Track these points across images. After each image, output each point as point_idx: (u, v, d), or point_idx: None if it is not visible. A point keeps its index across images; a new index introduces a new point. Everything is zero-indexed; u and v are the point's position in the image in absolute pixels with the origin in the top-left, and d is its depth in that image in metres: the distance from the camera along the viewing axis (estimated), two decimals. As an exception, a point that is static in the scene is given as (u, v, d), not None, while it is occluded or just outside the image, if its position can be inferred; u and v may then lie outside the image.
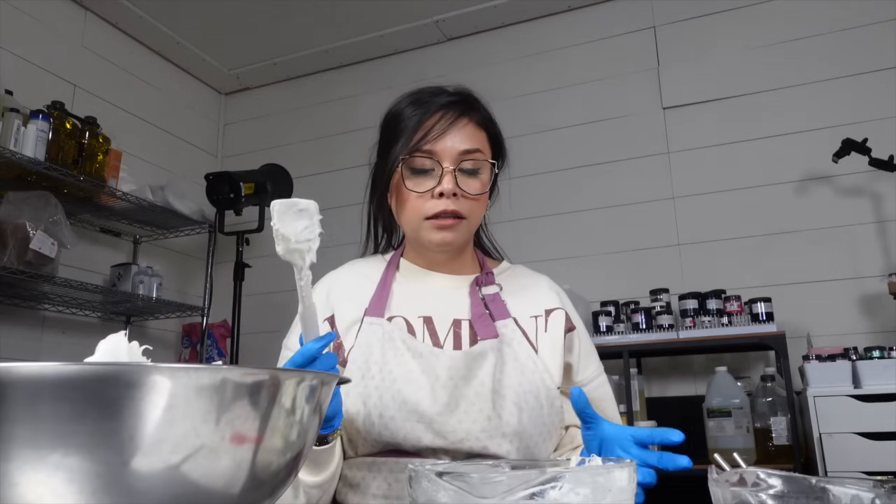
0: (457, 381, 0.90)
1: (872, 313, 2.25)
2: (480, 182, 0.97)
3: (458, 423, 0.87)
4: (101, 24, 2.91)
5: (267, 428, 0.46)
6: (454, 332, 0.97)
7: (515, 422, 0.88)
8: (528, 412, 0.89)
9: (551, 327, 0.99)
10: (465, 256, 1.06)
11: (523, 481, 0.45)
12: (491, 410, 0.88)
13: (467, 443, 0.87)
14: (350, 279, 1.07)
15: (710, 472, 0.52)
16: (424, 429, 0.87)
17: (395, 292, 1.01)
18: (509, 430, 0.88)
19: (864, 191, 2.34)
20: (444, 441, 0.87)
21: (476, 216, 0.99)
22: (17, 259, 2.09)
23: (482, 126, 1.00)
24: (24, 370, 0.39)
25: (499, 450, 0.88)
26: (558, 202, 2.75)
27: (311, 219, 0.68)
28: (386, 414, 0.87)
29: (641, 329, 2.23)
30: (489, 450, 0.88)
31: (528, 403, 0.90)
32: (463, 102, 1.00)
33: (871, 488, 0.49)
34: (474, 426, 0.87)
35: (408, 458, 0.88)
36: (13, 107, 2.18)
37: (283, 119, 3.46)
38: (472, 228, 1.00)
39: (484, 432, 0.87)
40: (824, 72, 2.48)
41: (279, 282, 3.20)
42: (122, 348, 0.55)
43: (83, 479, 0.40)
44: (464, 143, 0.95)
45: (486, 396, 0.89)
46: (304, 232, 0.68)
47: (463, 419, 0.88)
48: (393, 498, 0.86)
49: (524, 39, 3.03)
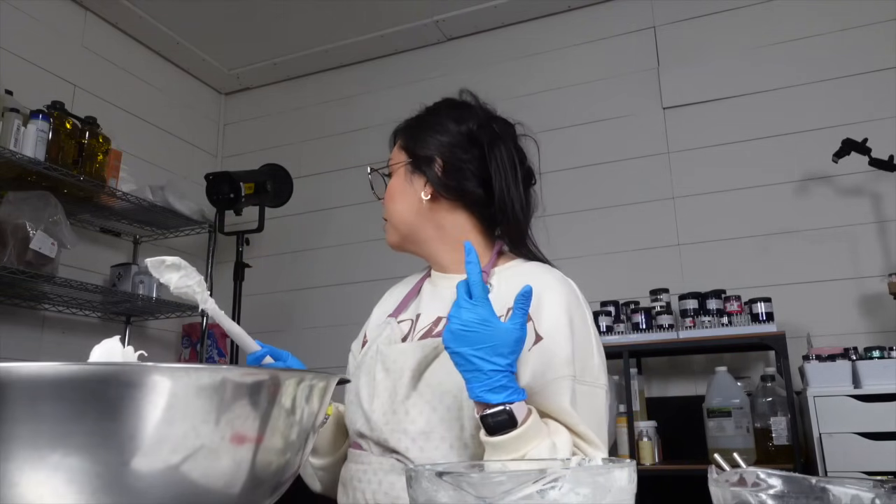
0: (383, 373, 0.96)
1: (872, 313, 2.25)
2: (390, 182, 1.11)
3: (372, 413, 0.93)
4: (101, 24, 2.90)
5: (267, 428, 0.47)
6: (428, 329, 1.00)
7: (423, 421, 0.89)
8: (442, 413, 0.89)
9: None
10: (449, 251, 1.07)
11: (523, 481, 0.45)
12: (399, 404, 0.91)
13: (377, 432, 0.92)
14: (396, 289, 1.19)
15: (710, 472, 0.52)
16: (359, 415, 0.96)
17: (416, 298, 1.10)
18: (413, 428, 0.89)
19: (864, 191, 2.34)
20: (367, 427, 0.94)
21: (395, 214, 1.08)
22: (17, 259, 2.09)
23: (397, 142, 1.14)
24: (24, 370, 0.39)
25: (398, 445, 0.89)
26: (558, 202, 2.75)
27: (183, 269, 0.79)
28: (349, 399, 1.00)
29: (641, 329, 2.23)
30: (389, 443, 0.90)
31: (442, 403, 0.89)
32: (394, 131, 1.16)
33: (871, 488, 0.49)
34: (381, 417, 0.92)
35: (354, 449, 0.98)
36: (13, 107, 2.18)
37: (283, 119, 3.46)
38: (399, 226, 1.08)
39: (387, 425, 0.91)
40: (824, 72, 2.48)
41: (279, 282, 3.21)
42: (117, 353, 0.55)
43: (83, 479, 0.40)
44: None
45: (400, 391, 0.92)
46: (181, 280, 0.79)
47: (376, 409, 0.93)
48: (345, 483, 0.97)
49: (524, 39, 3.03)
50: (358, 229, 3.00)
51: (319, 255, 3.16)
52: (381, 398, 0.94)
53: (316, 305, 3.09)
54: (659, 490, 1.95)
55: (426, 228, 1.07)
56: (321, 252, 3.16)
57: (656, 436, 2.12)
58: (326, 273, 3.08)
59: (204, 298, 0.79)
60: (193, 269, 0.79)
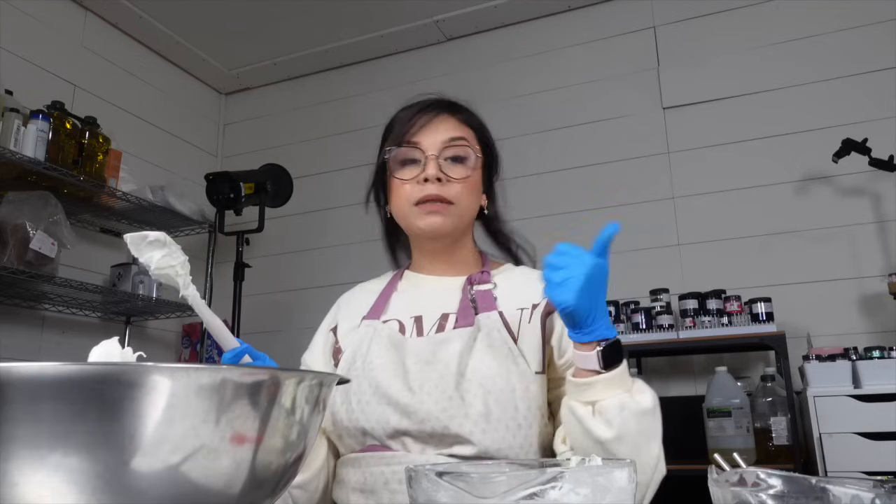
0: (421, 366, 0.93)
1: (872, 313, 2.25)
2: (466, 168, 1.02)
3: (420, 404, 0.90)
4: (101, 24, 2.91)
5: (267, 428, 0.47)
6: (439, 325, 1.00)
7: (480, 404, 0.89)
8: (496, 395, 0.90)
9: (535, 318, 1.00)
10: (464, 255, 1.08)
11: (523, 481, 0.45)
12: (453, 391, 0.90)
13: (429, 423, 0.89)
14: (356, 295, 1.14)
15: (710, 472, 0.53)
16: (392, 411, 0.91)
17: (394, 299, 1.07)
18: (473, 411, 0.89)
19: (864, 191, 2.34)
20: (409, 422, 0.90)
21: (465, 202, 1.02)
22: (17, 259, 2.09)
23: (466, 123, 1.06)
24: (24, 370, 0.39)
25: (461, 430, 0.88)
26: (558, 202, 2.75)
27: (168, 247, 0.72)
28: (363, 399, 0.94)
29: (641, 329, 2.23)
30: (450, 430, 0.89)
31: (495, 386, 0.90)
32: (447, 102, 1.07)
33: (871, 488, 0.49)
34: (435, 406, 0.90)
35: (382, 451, 0.92)
36: (13, 107, 2.18)
37: (283, 119, 3.46)
38: (463, 215, 1.03)
39: (445, 412, 0.89)
40: (824, 72, 2.48)
41: (279, 282, 3.21)
42: (115, 354, 0.55)
43: (83, 479, 0.40)
44: (447, 133, 1.02)
45: (449, 379, 0.91)
46: (163, 259, 0.71)
47: (425, 400, 0.90)
48: (367, 491, 0.91)
49: (524, 39, 3.03)
50: (358, 229, 3.00)
51: (319, 255, 3.16)
52: (427, 388, 0.91)
53: (316, 305, 3.07)
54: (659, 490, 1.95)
55: (466, 231, 1.08)
56: (321, 252, 3.16)
57: (656, 436, 2.12)
58: (326, 273, 3.08)
59: (186, 283, 0.72)
60: (179, 247, 0.73)
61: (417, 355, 0.95)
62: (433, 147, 1.00)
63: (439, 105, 1.05)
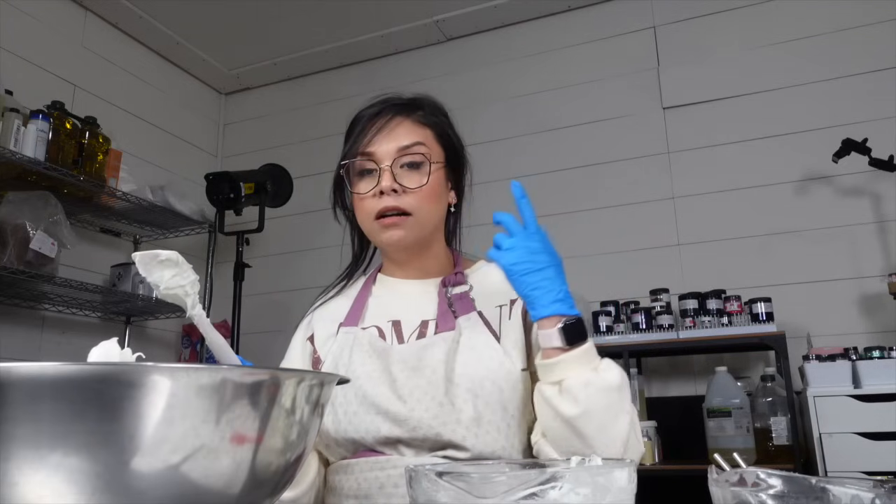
0: (408, 373, 0.92)
1: (872, 313, 2.25)
2: (422, 174, 0.98)
3: (411, 412, 0.89)
4: (101, 24, 2.91)
5: (267, 428, 0.47)
6: (419, 332, 0.99)
7: (470, 408, 0.88)
8: (485, 398, 0.89)
9: (515, 314, 0.99)
10: (435, 257, 1.06)
11: (523, 481, 0.45)
12: (443, 397, 0.89)
13: (420, 430, 0.89)
14: (330, 303, 1.12)
15: (710, 472, 0.52)
16: (382, 420, 0.90)
17: (371, 305, 1.06)
18: (464, 416, 0.88)
19: (864, 191, 2.34)
20: (400, 430, 0.89)
21: (425, 210, 0.98)
22: (17, 259, 2.09)
23: (425, 124, 1.03)
24: (24, 370, 0.39)
25: (453, 436, 0.88)
26: (558, 202, 2.75)
27: (179, 266, 0.70)
28: (350, 410, 0.92)
29: (641, 329, 2.23)
30: (443, 436, 0.88)
31: (483, 389, 0.89)
32: (400, 104, 1.04)
33: (871, 488, 0.49)
34: (426, 414, 0.89)
35: (375, 456, 0.91)
36: (13, 107, 2.18)
37: (283, 119, 3.46)
38: (425, 224, 0.99)
39: (436, 419, 0.89)
40: (824, 72, 2.48)
41: (279, 282, 3.21)
42: (114, 355, 0.55)
43: (83, 479, 0.40)
44: (399, 140, 0.99)
45: (437, 385, 0.90)
46: (173, 279, 0.70)
47: (416, 407, 0.90)
48: (362, 497, 0.89)
49: (524, 39, 3.03)
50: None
51: (319, 255, 3.16)
52: (417, 395, 0.90)
53: (316, 305, 3.09)
54: (659, 490, 1.95)
55: (434, 234, 1.05)
56: (321, 252, 3.16)
57: (656, 436, 2.12)
58: (326, 273, 3.06)
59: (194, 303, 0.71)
60: (190, 266, 0.71)
61: (404, 362, 0.93)
62: (387, 156, 0.98)
63: (394, 108, 1.02)
